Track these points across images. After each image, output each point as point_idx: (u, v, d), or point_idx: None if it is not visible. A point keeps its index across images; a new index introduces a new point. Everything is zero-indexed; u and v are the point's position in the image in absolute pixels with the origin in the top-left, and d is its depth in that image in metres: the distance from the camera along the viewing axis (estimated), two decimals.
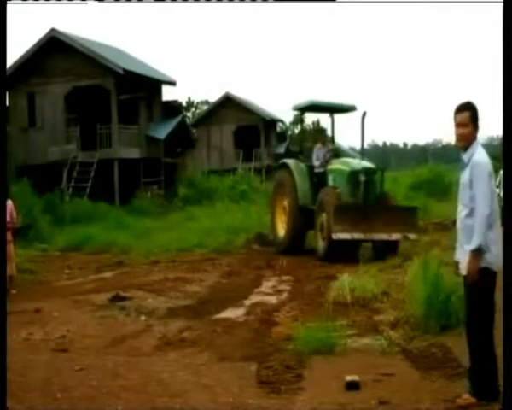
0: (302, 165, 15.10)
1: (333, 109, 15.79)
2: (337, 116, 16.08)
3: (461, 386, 5.18)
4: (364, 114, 13.95)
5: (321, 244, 13.49)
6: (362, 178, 13.48)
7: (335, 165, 14.47)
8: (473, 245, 4.66)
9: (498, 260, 4.70)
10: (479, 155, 4.75)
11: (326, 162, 14.73)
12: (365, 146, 15.58)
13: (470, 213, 4.74)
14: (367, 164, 14.19)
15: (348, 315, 8.17)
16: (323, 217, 13.31)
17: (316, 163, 15.00)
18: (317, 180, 14.68)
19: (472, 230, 4.69)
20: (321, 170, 14.71)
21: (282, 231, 15.17)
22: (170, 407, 5.10)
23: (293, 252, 14.46)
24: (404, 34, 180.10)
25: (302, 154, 15.77)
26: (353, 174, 13.69)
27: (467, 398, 4.73)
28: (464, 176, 4.81)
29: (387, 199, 14.01)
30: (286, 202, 15.02)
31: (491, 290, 4.73)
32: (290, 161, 15.41)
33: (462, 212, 4.83)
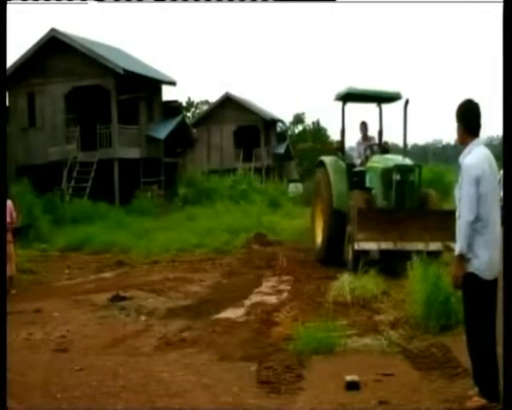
0: (341, 163, 13.20)
1: (377, 98, 13.66)
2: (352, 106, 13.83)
3: (461, 386, 5.19)
4: (407, 102, 12.33)
5: (350, 256, 11.54)
6: (395, 177, 11.63)
7: (372, 162, 12.57)
8: (455, 251, 4.67)
9: (491, 267, 4.63)
10: (470, 158, 4.71)
11: (366, 159, 12.96)
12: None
13: (459, 215, 4.74)
14: (402, 161, 12.19)
15: (348, 315, 8.18)
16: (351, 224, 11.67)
17: (357, 160, 13.29)
18: (357, 180, 12.77)
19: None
20: (361, 168, 12.88)
21: (319, 238, 13.44)
22: (170, 407, 5.10)
23: (330, 263, 12.49)
24: (402, 33, 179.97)
25: (342, 150, 13.64)
26: (386, 173, 11.85)
27: (477, 400, 4.69)
28: (459, 177, 4.81)
29: (428, 201, 11.98)
30: (322, 206, 13.30)
31: (480, 296, 4.65)
32: (327, 159, 13.54)
33: (456, 212, 4.83)
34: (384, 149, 13.48)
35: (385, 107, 14.02)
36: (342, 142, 13.63)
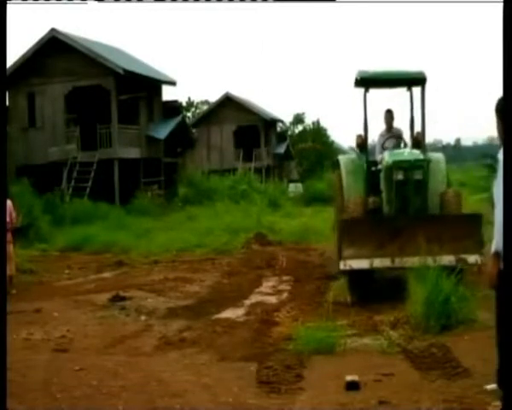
0: (360, 162, 10.87)
1: (396, 80, 11.10)
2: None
3: (461, 386, 5.18)
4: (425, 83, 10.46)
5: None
6: (395, 176, 9.65)
7: (383, 160, 10.27)
8: (492, 248, 4.53)
9: None
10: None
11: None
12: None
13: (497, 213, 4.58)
14: (408, 155, 9.98)
15: (348, 315, 8.18)
16: None
17: (378, 157, 10.78)
18: (375, 182, 10.45)
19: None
20: (380, 167, 10.54)
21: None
22: (170, 407, 5.10)
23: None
24: (404, 32, 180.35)
25: (364, 147, 10.89)
26: (388, 172, 9.84)
27: (497, 405, 4.52)
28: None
29: (445, 204, 9.91)
30: (337, 213, 11.03)
31: None
32: (343, 158, 11.50)
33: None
34: (417, 141, 10.87)
35: (383, 110, 11.70)
36: (365, 137, 10.90)
